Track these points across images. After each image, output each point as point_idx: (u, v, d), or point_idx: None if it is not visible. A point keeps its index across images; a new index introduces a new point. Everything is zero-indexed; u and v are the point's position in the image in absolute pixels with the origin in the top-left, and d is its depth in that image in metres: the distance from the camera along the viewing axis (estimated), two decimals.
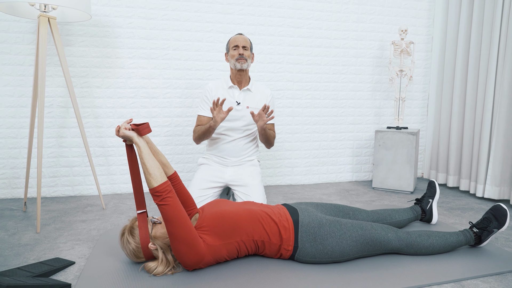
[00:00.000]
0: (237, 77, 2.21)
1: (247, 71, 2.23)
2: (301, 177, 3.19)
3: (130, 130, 1.55)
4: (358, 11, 3.10)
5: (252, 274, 1.50)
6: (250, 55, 2.21)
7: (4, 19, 2.48)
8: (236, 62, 2.15)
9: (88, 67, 2.66)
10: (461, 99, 2.94)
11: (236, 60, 2.15)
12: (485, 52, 2.69)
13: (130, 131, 1.53)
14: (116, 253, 1.70)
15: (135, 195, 1.61)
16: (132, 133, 1.53)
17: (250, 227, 1.56)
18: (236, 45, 2.17)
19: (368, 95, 3.24)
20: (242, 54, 2.15)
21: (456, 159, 2.98)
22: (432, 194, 2.12)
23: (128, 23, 2.68)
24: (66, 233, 2.00)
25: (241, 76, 2.21)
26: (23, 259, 1.67)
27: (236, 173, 2.20)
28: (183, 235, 1.42)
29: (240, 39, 2.19)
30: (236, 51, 2.16)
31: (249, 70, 2.25)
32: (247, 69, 2.20)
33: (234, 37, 2.21)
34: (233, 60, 2.17)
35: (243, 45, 2.17)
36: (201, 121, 2.24)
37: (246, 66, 2.17)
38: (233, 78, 2.23)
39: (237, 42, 2.17)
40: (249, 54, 2.21)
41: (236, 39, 2.20)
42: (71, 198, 2.68)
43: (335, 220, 1.63)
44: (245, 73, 2.22)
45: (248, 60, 2.18)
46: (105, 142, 2.76)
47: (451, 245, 1.70)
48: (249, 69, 2.24)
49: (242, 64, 2.15)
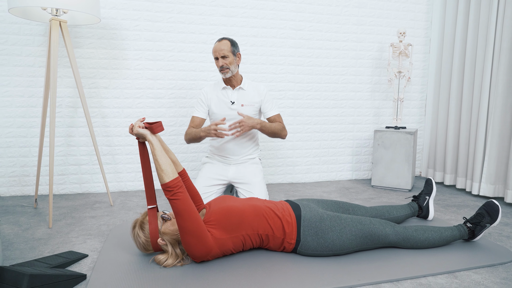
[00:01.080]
0: (228, 81, 2.29)
1: (237, 73, 2.29)
2: (302, 175, 3.27)
3: (144, 128, 1.64)
4: (358, 14, 3.19)
5: (257, 265, 1.58)
6: (232, 60, 2.19)
7: (15, 22, 2.56)
8: (221, 73, 2.22)
9: (95, 68, 2.74)
10: (458, 99, 3.02)
11: (220, 71, 2.22)
12: (480, 54, 2.78)
13: (144, 129, 1.62)
14: (126, 247, 1.79)
15: (147, 191, 1.69)
16: (145, 131, 1.61)
17: (255, 221, 1.65)
18: (215, 57, 2.20)
19: (367, 95, 3.32)
20: (223, 65, 2.18)
21: (452, 158, 3.06)
22: (429, 192, 2.20)
23: (134, 26, 2.76)
24: (77, 228, 2.08)
25: (232, 80, 2.28)
26: (38, 252, 1.76)
27: (238, 171, 2.29)
28: (193, 228, 1.51)
29: (218, 48, 2.18)
30: (217, 62, 2.20)
31: (238, 71, 2.29)
32: (234, 73, 2.24)
33: (214, 47, 2.21)
34: (218, 69, 2.24)
35: (221, 55, 2.17)
36: (194, 121, 2.32)
37: (230, 74, 2.22)
38: (225, 81, 2.31)
39: (215, 53, 2.19)
40: (231, 60, 2.18)
41: (214, 49, 2.20)
42: (79, 196, 2.77)
43: (336, 215, 1.72)
44: (235, 76, 2.28)
45: (231, 66, 2.19)
46: (112, 141, 2.84)
47: (446, 239, 1.78)
48: (237, 71, 2.27)
49: (225, 74, 2.21)
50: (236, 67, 2.24)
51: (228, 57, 2.18)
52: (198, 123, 2.30)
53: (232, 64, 2.20)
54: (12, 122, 2.65)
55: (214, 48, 2.21)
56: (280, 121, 2.36)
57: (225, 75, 2.21)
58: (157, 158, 1.57)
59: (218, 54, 2.18)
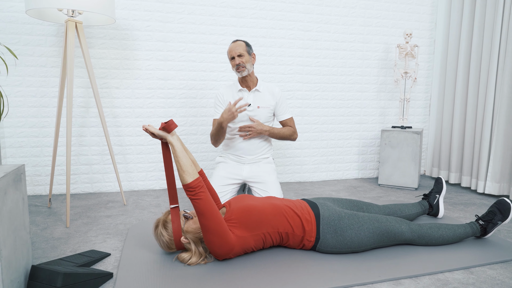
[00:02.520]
0: (244, 81, 2.32)
1: (252, 73, 2.32)
2: (309, 174, 3.32)
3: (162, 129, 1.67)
4: (365, 15, 3.23)
5: (279, 262, 1.62)
6: (248, 59, 2.24)
7: (27, 22, 2.57)
8: (237, 72, 2.25)
9: (107, 68, 2.76)
10: (463, 99, 3.09)
11: (236, 70, 2.25)
12: (486, 55, 2.84)
13: (163, 131, 1.64)
14: (147, 245, 1.82)
15: (169, 190, 1.72)
16: (164, 133, 1.64)
17: (275, 220, 1.69)
18: (231, 57, 2.25)
19: (373, 95, 3.37)
20: (239, 63, 2.21)
21: (457, 157, 3.13)
22: (439, 190, 2.26)
23: (146, 26, 2.78)
24: (95, 228, 2.10)
25: (248, 81, 2.31)
26: (60, 251, 1.78)
27: (253, 170, 2.33)
28: (215, 227, 1.54)
29: (233, 48, 2.24)
30: (233, 61, 2.25)
31: (253, 72, 2.32)
32: (250, 73, 2.28)
33: (229, 47, 2.27)
34: (234, 69, 2.27)
35: (238, 53, 2.21)
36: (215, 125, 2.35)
37: (246, 72, 2.24)
38: (241, 82, 2.34)
39: (232, 52, 2.24)
40: (247, 59, 2.23)
41: (230, 49, 2.26)
42: (91, 195, 2.79)
43: (353, 214, 1.76)
44: (250, 76, 2.31)
45: (247, 65, 2.23)
46: (123, 140, 2.86)
47: (459, 236, 1.84)
48: (253, 71, 2.31)
49: (242, 72, 2.24)
50: (252, 67, 2.28)
51: (244, 55, 2.23)
52: None
53: (248, 63, 2.24)
54: (24, 122, 2.66)
55: (229, 49, 2.25)
56: (291, 125, 2.41)
57: (242, 74, 2.24)
58: (178, 159, 1.60)
59: (234, 53, 2.22)
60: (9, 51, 1.86)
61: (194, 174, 1.58)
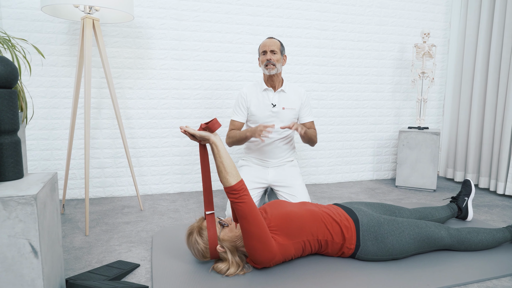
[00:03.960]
0: (270, 81, 2.23)
1: (280, 74, 2.23)
2: (325, 176, 3.26)
3: (202, 130, 1.57)
4: (381, 14, 3.19)
5: (320, 272, 1.55)
6: (279, 58, 2.17)
7: (37, 19, 2.45)
8: (265, 68, 2.16)
9: (120, 68, 2.65)
10: (481, 99, 3.06)
11: (265, 66, 2.15)
12: (506, 54, 2.81)
13: (205, 132, 1.55)
14: (176, 254, 1.73)
15: (205, 195, 1.63)
16: (206, 133, 1.55)
17: (315, 227, 1.62)
18: (264, 51, 2.16)
19: (388, 96, 3.33)
20: (270, 59, 2.13)
21: (475, 158, 3.10)
22: (468, 192, 2.22)
23: (160, 24, 2.68)
24: (116, 236, 2.00)
25: (273, 80, 2.22)
26: (86, 262, 1.68)
27: (278, 174, 2.25)
28: (258, 232, 1.47)
29: (268, 43, 2.17)
30: (264, 56, 2.16)
31: (281, 72, 2.24)
32: (278, 73, 2.20)
33: (263, 42, 2.20)
34: (262, 66, 2.18)
35: (271, 49, 2.14)
36: (234, 125, 2.26)
37: (275, 71, 2.15)
38: (266, 81, 2.24)
39: (265, 47, 2.16)
40: (279, 57, 2.16)
41: (264, 43, 2.18)
42: (104, 200, 2.67)
43: (392, 219, 1.70)
44: (277, 76, 2.22)
45: (277, 64, 2.15)
46: (137, 143, 2.76)
47: (498, 241, 1.79)
48: (281, 72, 2.23)
49: (270, 70, 2.15)
50: (281, 67, 2.20)
51: (277, 53, 2.16)
52: (238, 127, 2.24)
53: (278, 62, 2.16)
54: (33, 124, 2.54)
55: (263, 43, 2.18)
56: (314, 128, 2.34)
57: (270, 72, 2.15)
58: (222, 160, 1.52)
59: (268, 48, 2.15)
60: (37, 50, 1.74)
61: (237, 176, 1.51)
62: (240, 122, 2.25)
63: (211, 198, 1.64)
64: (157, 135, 2.79)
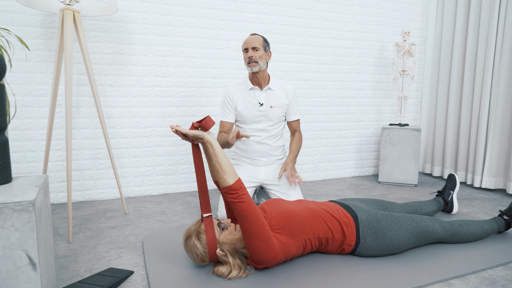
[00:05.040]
0: (255, 78, 2.17)
1: (265, 71, 2.17)
2: (309, 173, 3.26)
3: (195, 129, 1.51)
4: (362, 13, 3.23)
5: (322, 270, 1.53)
6: (262, 55, 2.10)
7: (8, 11, 2.26)
8: (247, 66, 2.10)
9: (100, 64, 2.51)
10: (458, 97, 3.18)
11: (247, 64, 2.10)
12: (481, 53, 2.93)
13: (198, 131, 1.49)
14: (171, 259, 1.65)
15: (201, 197, 1.56)
16: (200, 132, 1.49)
17: (315, 225, 1.60)
18: (245, 48, 2.10)
19: (369, 93, 3.38)
20: (251, 57, 2.07)
21: (452, 153, 3.22)
22: (453, 186, 2.29)
23: (142, 19, 2.56)
24: (102, 241, 1.89)
25: (259, 78, 2.16)
26: (73, 272, 1.57)
27: (270, 172, 2.22)
28: (260, 231, 1.43)
29: (250, 40, 2.10)
30: (246, 54, 2.10)
31: (266, 69, 2.17)
32: (261, 70, 2.13)
33: (245, 39, 2.13)
34: (245, 63, 2.12)
35: (253, 46, 2.07)
36: (224, 127, 2.20)
37: (257, 68, 2.09)
38: (252, 79, 2.18)
39: (246, 44, 2.10)
40: (261, 54, 2.09)
41: (246, 41, 2.11)
42: (83, 204, 2.53)
43: (389, 214, 1.72)
44: (262, 73, 2.16)
45: (259, 61, 2.08)
46: (118, 143, 2.63)
47: (487, 232, 1.86)
48: (266, 68, 2.17)
49: (252, 68, 2.09)
50: (265, 64, 2.13)
51: (259, 50, 2.08)
52: (228, 127, 2.18)
53: (261, 60, 2.09)
54: None
55: (245, 40, 2.11)
56: (298, 127, 2.32)
57: (252, 69, 2.09)
58: (218, 159, 1.46)
59: (249, 45, 2.08)
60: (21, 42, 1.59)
61: (235, 175, 1.45)
62: (230, 123, 2.19)
63: (207, 199, 1.58)
64: (140, 134, 2.67)
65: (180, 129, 1.48)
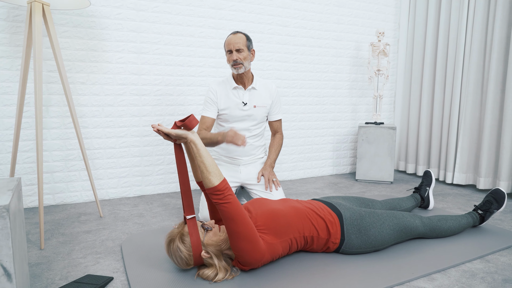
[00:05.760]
0: (239, 78, 2.13)
1: (249, 70, 2.14)
2: (288, 172, 3.26)
3: (177, 128, 1.46)
4: (338, 13, 3.27)
5: (309, 269, 1.53)
6: (247, 55, 2.06)
7: None
8: (233, 68, 2.06)
9: (71, 60, 2.39)
10: (430, 96, 3.28)
11: (232, 66, 2.06)
12: (451, 55, 3.04)
13: (181, 130, 1.44)
14: (154, 263, 1.59)
15: (184, 199, 1.51)
16: (183, 131, 1.44)
17: (300, 224, 1.59)
18: (229, 50, 2.05)
19: (346, 92, 3.43)
20: (236, 59, 2.03)
21: (425, 150, 3.32)
22: (429, 183, 2.35)
23: (116, 14, 2.46)
24: (77, 247, 1.79)
25: (243, 77, 2.13)
26: (48, 280, 1.47)
27: (250, 172, 2.19)
28: (247, 232, 1.40)
29: (233, 40, 2.04)
30: (230, 56, 2.05)
31: (250, 68, 2.14)
32: (246, 70, 2.10)
33: (228, 39, 2.07)
34: (229, 64, 2.08)
35: (237, 47, 2.02)
36: (205, 123, 2.15)
37: (242, 70, 2.06)
38: (236, 79, 2.15)
39: (230, 45, 2.04)
40: (246, 55, 2.05)
41: (229, 41, 2.05)
42: (54, 208, 2.39)
43: (372, 211, 1.73)
44: (247, 73, 2.13)
45: (244, 62, 2.04)
46: (91, 143, 2.51)
47: (463, 226, 1.92)
48: (250, 68, 2.13)
49: (238, 70, 2.05)
50: (249, 64, 2.10)
51: (243, 51, 2.04)
52: (210, 124, 2.13)
53: (246, 60, 2.05)
54: None
55: (228, 41, 2.05)
56: (280, 128, 2.31)
57: (238, 71, 2.06)
58: (202, 159, 1.41)
59: (233, 47, 2.03)
60: None
61: (220, 175, 1.42)
62: (211, 118, 2.14)
63: (191, 201, 1.53)
64: (114, 134, 2.57)
65: (162, 129, 1.42)
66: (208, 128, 2.13)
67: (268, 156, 2.24)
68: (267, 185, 2.12)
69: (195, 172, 1.61)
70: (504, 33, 2.66)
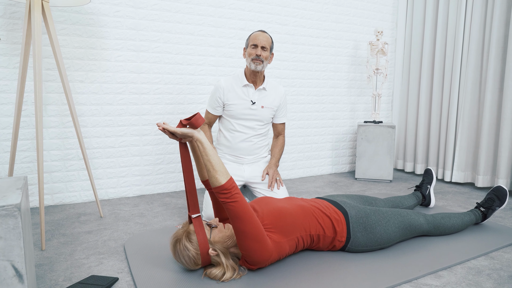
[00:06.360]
0: (252, 76, 2.12)
1: (263, 71, 2.14)
2: (288, 171, 3.25)
3: (183, 127, 1.44)
4: (337, 12, 3.27)
5: (315, 268, 1.52)
6: (268, 56, 2.08)
7: None
8: (252, 62, 2.05)
9: (69, 58, 2.35)
10: (428, 95, 3.30)
11: (252, 60, 2.04)
12: (449, 54, 3.06)
13: (187, 129, 1.42)
14: (159, 263, 1.57)
15: (189, 198, 1.50)
16: (189, 130, 1.42)
17: (307, 222, 1.58)
18: (255, 44, 2.04)
19: (344, 91, 3.43)
20: (260, 55, 2.03)
21: (423, 149, 3.34)
22: (430, 181, 2.36)
23: (115, 11, 2.43)
24: (79, 248, 1.76)
25: (256, 76, 2.12)
26: (51, 281, 1.44)
27: (254, 170, 2.18)
28: (254, 231, 1.39)
29: (261, 37, 2.05)
30: (254, 50, 2.04)
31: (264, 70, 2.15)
32: (262, 70, 2.10)
33: (255, 34, 2.07)
34: (249, 59, 2.06)
35: (263, 45, 2.04)
36: (208, 118, 2.20)
37: (261, 68, 2.06)
38: (248, 76, 2.13)
39: (257, 41, 2.04)
40: (267, 55, 2.07)
41: (256, 36, 2.06)
42: (53, 208, 2.35)
43: (377, 209, 1.73)
44: (261, 73, 2.13)
45: (264, 61, 2.05)
46: (90, 143, 2.47)
47: (466, 224, 1.93)
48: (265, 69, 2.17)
49: (257, 66, 2.04)
50: (267, 65, 2.11)
51: (267, 50, 2.06)
52: (212, 119, 2.18)
53: (266, 60, 2.07)
54: None
55: (255, 36, 2.05)
56: (283, 131, 2.33)
57: (256, 67, 2.04)
58: (209, 157, 1.40)
59: (260, 43, 2.03)
60: None
61: (227, 174, 1.40)
62: (214, 115, 2.16)
63: (196, 200, 1.51)
64: (113, 133, 2.53)
65: (168, 127, 1.40)
66: (210, 122, 2.20)
67: (272, 156, 2.25)
68: (269, 184, 2.11)
69: (201, 171, 1.59)
70: (502, 32, 2.68)
